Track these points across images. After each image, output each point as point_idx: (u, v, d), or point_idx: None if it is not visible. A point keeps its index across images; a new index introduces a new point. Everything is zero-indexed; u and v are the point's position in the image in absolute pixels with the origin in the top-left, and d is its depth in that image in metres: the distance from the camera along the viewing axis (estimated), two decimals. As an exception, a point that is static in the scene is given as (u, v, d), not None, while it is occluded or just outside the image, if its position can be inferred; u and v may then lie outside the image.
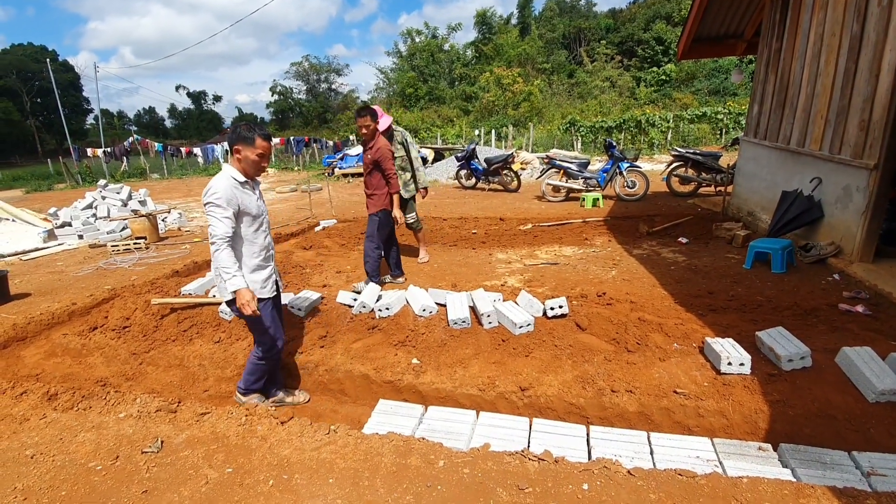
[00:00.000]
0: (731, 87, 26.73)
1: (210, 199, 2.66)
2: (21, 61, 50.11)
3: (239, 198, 2.73)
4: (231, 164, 2.81)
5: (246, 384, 3.09)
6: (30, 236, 7.80)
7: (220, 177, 2.74)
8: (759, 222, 6.00)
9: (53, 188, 18.82)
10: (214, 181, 2.71)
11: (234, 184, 2.74)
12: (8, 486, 2.14)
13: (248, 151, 2.74)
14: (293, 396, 3.29)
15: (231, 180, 2.74)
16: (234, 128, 2.82)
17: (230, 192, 2.69)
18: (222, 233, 2.65)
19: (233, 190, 2.71)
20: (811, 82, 5.17)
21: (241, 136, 2.74)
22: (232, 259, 2.68)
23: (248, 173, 2.81)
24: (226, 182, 2.71)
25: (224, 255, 2.65)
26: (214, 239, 2.65)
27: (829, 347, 2.89)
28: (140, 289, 4.68)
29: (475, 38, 38.65)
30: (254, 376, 3.07)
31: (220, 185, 2.68)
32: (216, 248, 2.66)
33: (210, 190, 2.68)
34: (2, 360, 3.75)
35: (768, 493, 1.88)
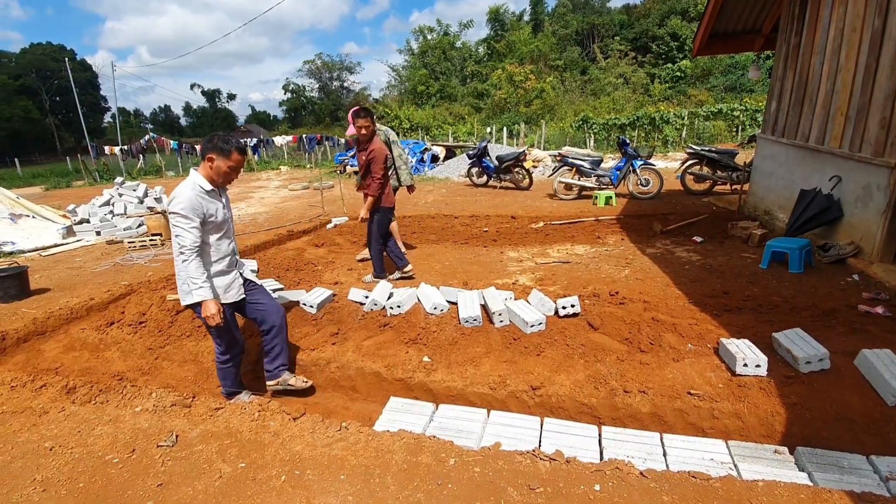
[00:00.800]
0: (748, 84, 26.26)
1: (174, 208, 2.65)
2: (40, 60, 51.10)
3: (204, 206, 2.74)
4: (200, 170, 2.80)
5: (225, 388, 3.14)
6: (49, 233, 7.96)
7: (185, 185, 2.73)
8: (776, 221, 5.90)
9: (72, 185, 19.17)
10: (179, 190, 2.71)
11: (200, 192, 2.75)
12: (28, 477, 2.19)
13: (221, 162, 2.75)
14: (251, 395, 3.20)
15: (197, 188, 2.74)
16: (210, 137, 2.81)
17: (195, 202, 2.69)
18: (190, 243, 2.68)
19: (198, 199, 2.71)
20: (831, 78, 5.06)
21: (218, 146, 2.74)
22: (201, 269, 2.73)
23: (215, 182, 2.81)
24: (190, 191, 2.70)
25: (193, 266, 2.69)
26: (182, 249, 2.68)
27: (847, 349, 2.83)
28: (156, 285, 4.75)
29: (487, 35, 38.54)
30: (228, 379, 3.11)
31: (184, 195, 2.67)
32: (184, 258, 2.69)
33: (174, 199, 2.68)
34: (22, 354, 3.84)
35: (784, 497, 1.85)
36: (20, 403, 2.86)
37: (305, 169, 19.93)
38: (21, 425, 2.63)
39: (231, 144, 2.76)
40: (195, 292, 2.72)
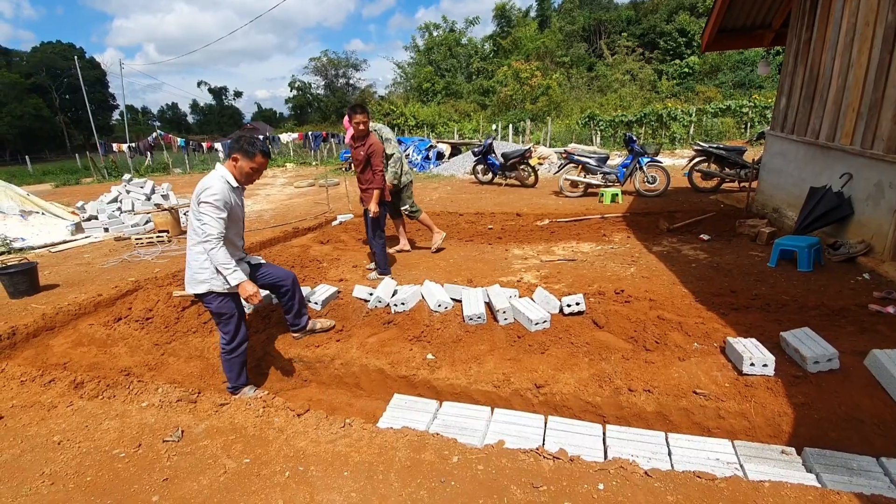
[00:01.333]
0: (757, 80, 25.95)
1: (208, 198, 2.74)
2: (50, 59, 51.54)
3: (232, 200, 2.86)
4: (227, 166, 2.90)
5: (232, 383, 3.13)
6: (59, 229, 8.04)
7: (216, 177, 2.82)
8: (784, 219, 5.84)
9: (81, 182, 19.34)
10: (211, 181, 2.79)
11: (229, 187, 2.84)
12: (37, 470, 2.22)
13: (244, 163, 2.86)
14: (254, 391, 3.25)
15: (226, 183, 2.83)
16: (238, 137, 2.92)
17: (226, 195, 2.80)
18: (217, 232, 2.76)
19: (228, 193, 2.82)
20: (842, 74, 4.98)
21: (244, 148, 2.84)
22: (228, 256, 2.82)
23: (239, 180, 2.92)
24: (222, 184, 2.81)
25: (221, 254, 2.78)
26: (209, 238, 2.75)
27: (857, 349, 2.80)
28: (162, 281, 4.78)
29: (493, 32, 38.33)
30: (233, 372, 3.11)
31: (218, 186, 2.77)
32: (212, 246, 2.76)
33: (208, 189, 2.76)
34: (31, 349, 3.88)
35: (791, 498, 1.83)
36: (29, 398, 2.90)
37: (311, 166, 19.97)
38: (30, 419, 2.66)
39: (256, 147, 2.86)
40: (231, 277, 2.82)
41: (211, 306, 2.96)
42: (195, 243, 2.85)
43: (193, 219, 2.85)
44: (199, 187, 2.80)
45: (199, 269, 2.87)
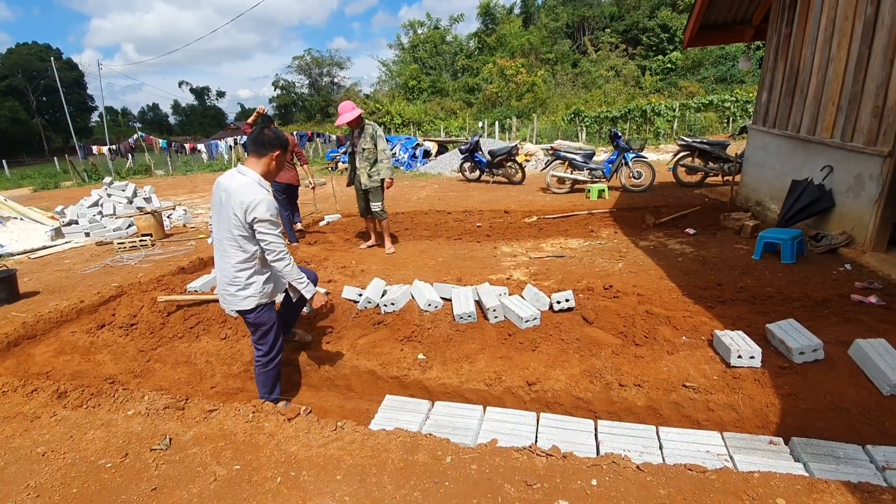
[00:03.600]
0: (739, 75, 26.31)
1: (266, 216, 2.53)
2: (26, 60, 50.31)
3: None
4: (256, 168, 2.63)
5: (265, 397, 2.93)
6: (38, 234, 7.85)
7: (256, 188, 2.55)
8: (768, 212, 5.93)
9: (60, 186, 18.93)
10: (256, 194, 2.52)
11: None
12: (21, 483, 2.16)
13: (283, 156, 2.69)
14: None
15: (267, 190, 2.62)
16: (274, 130, 2.65)
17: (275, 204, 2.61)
18: (283, 246, 2.63)
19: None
20: (822, 68, 5.07)
21: (282, 142, 2.64)
22: (299, 269, 2.75)
23: (270, 179, 2.71)
24: (265, 192, 2.58)
25: (295, 269, 2.70)
26: (282, 255, 2.62)
27: (841, 339, 2.85)
28: (146, 286, 4.69)
29: (478, 29, 38.29)
30: (267, 386, 2.95)
31: (268, 199, 2.54)
32: (287, 262, 2.65)
33: (261, 205, 2.51)
34: (13, 359, 3.78)
35: (780, 488, 1.85)
36: (11, 409, 2.82)
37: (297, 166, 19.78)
38: (13, 431, 2.59)
39: (282, 137, 2.67)
40: (306, 290, 2.75)
41: (251, 318, 2.80)
42: (238, 261, 2.64)
43: (230, 234, 2.59)
44: (241, 201, 2.50)
45: (245, 286, 2.70)
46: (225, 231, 2.62)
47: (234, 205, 2.52)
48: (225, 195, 2.58)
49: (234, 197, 2.52)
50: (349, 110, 5.21)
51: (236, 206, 2.52)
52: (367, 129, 5.34)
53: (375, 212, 5.68)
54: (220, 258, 2.72)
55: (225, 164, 21.53)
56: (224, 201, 2.59)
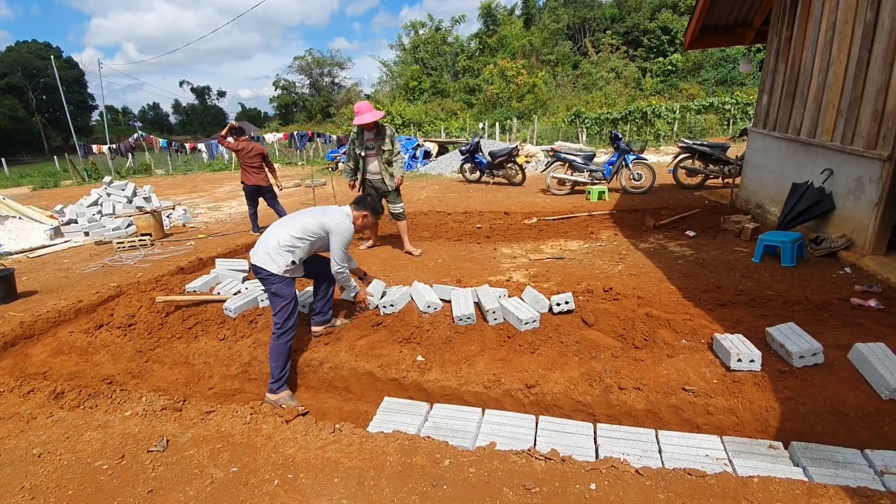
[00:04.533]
0: (739, 77, 26.34)
1: (348, 235, 3.32)
2: (26, 58, 50.28)
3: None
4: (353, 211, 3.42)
5: (276, 374, 3.12)
6: (37, 234, 7.84)
7: (347, 222, 3.33)
8: (768, 215, 5.92)
9: (60, 185, 18.90)
10: (346, 223, 3.31)
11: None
12: (16, 484, 2.15)
13: (371, 219, 3.48)
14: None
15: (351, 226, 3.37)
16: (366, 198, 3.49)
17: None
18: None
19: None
20: (823, 71, 5.07)
21: (376, 208, 3.49)
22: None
23: (357, 229, 3.46)
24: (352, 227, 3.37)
25: (348, 274, 3.49)
26: (343, 268, 3.37)
27: (841, 343, 2.84)
28: (145, 286, 4.68)
29: (479, 30, 38.30)
30: (279, 361, 3.13)
31: (351, 229, 3.34)
32: (345, 273, 3.43)
33: (344, 227, 3.29)
34: (9, 358, 3.77)
35: (779, 492, 1.85)
36: (7, 409, 2.82)
37: (297, 166, 19.79)
38: (8, 432, 2.58)
39: (380, 209, 3.52)
40: (353, 289, 3.63)
41: (273, 287, 3.17)
42: (294, 237, 3.20)
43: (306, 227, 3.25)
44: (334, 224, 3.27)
45: (285, 253, 3.19)
46: (308, 221, 3.28)
47: (327, 221, 3.28)
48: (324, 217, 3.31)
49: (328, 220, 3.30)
50: (370, 110, 5.05)
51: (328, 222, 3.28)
52: (386, 131, 5.22)
53: (398, 213, 5.54)
54: (281, 226, 3.29)
55: (225, 164, 21.52)
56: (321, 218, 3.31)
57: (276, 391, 3.09)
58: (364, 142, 5.23)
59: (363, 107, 5.09)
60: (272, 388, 3.12)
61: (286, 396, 3.09)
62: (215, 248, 6.35)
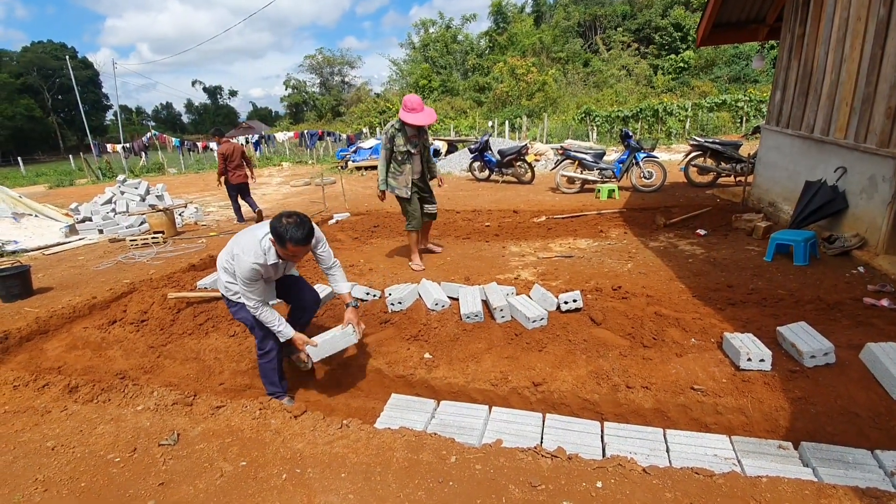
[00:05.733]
0: (752, 74, 25.99)
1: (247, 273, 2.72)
2: (42, 59, 51.13)
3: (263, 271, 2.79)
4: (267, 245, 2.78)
5: (267, 390, 3.12)
6: (52, 231, 7.98)
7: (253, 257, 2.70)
8: (780, 213, 5.85)
9: (75, 183, 19.21)
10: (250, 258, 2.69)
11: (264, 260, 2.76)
12: (30, 476, 2.19)
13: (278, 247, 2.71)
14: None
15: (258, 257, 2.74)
16: (279, 217, 2.66)
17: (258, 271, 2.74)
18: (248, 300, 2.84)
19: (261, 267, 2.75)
20: (836, 68, 4.99)
21: (276, 231, 2.62)
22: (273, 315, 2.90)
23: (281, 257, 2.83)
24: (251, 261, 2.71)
25: (263, 312, 2.86)
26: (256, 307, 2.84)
27: (853, 343, 2.80)
28: (157, 283, 4.75)
29: (489, 28, 38.23)
30: (266, 378, 3.10)
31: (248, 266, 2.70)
32: (263, 315, 2.87)
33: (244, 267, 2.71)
34: (25, 353, 3.85)
35: (788, 493, 1.83)
36: (22, 403, 2.87)
37: (307, 165, 19.91)
38: (23, 425, 2.64)
39: (286, 236, 2.60)
40: (283, 335, 2.95)
41: (231, 310, 3.01)
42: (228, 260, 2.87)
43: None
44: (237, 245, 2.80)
45: (223, 275, 2.95)
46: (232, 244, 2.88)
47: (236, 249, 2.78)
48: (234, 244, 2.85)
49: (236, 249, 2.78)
50: (423, 107, 4.52)
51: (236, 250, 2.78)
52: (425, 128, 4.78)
53: (434, 213, 5.18)
54: (227, 245, 2.96)
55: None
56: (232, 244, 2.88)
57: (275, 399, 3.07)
58: (409, 138, 4.64)
59: (416, 102, 4.47)
60: (268, 395, 3.11)
61: (286, 402, 3.09)
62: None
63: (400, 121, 4.55)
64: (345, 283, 3.12)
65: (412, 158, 4.72)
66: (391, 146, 4.65)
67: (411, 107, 4.46)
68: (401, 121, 4.53)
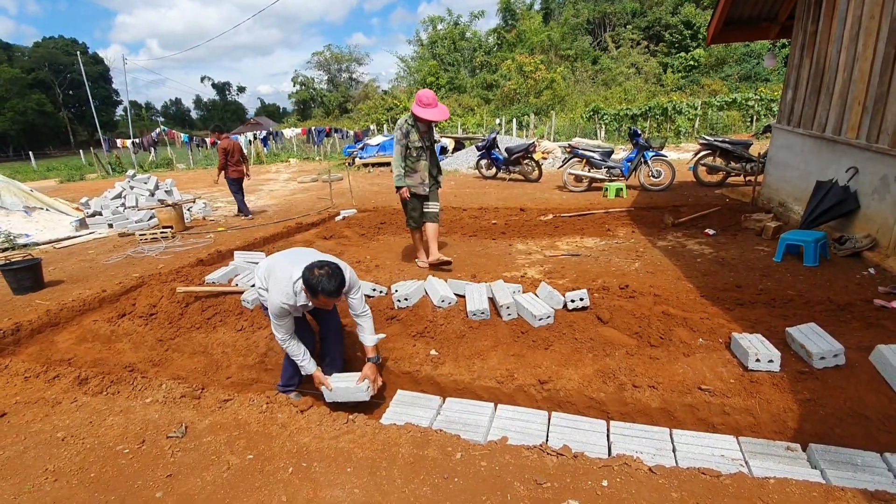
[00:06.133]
0: (763, 73, 25.72)
1: (275, 311, 2.81)
2: (52, 54, 51.62)
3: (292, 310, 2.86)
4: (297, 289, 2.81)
5: (282, 380, 3.23)
6: (63, 225, 8.07)
7: (283, 297, 2.75)
8: (790, 213, 5.79)
9: (85, 178, 19.40)
10: (281, 298, 2.77)
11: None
12: (40, 467, 2.22)
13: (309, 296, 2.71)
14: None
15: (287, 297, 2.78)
16: (311, 268, 2.63)
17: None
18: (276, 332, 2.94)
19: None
20: (848, 67, 4.92)
21: (308, 283, 2.61)
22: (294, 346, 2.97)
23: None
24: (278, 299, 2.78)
25: (290, 344, 2.96)
26: (282, 339, 2.94)
27: (863, 345, 2.77)
28: (166, 277, 4.78)
29: (497, 25, 38.09)
30: (285, 373, 3.21)
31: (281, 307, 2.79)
32: (288, 347, 2.97)
33: (274, 306, 2.79)
34: (35, 345, 3.90)
35: (796, 494, 1.82)
36: (33, 394, 2.91)
37: (314, 161, 19.96)
38: (34, 416, 2.67)
39: (318, 289, 2.58)
40: (306, 369, 3.03)
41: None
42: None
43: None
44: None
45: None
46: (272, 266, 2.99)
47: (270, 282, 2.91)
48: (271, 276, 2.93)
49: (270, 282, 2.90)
50: (437, 103, 4.42)
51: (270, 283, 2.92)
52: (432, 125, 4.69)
53: (437, 212, 4.86)
54: (273, 257, 3.12)
55: (244, 159, 21.79)
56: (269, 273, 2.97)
57: (282, 393, 3.14)
58: (422, 134, 4.54)
59: (431, 98, 4.39)
60: (278, 388, 3.20)
61: (292, 397, 3.13)
62: (234, 240, 6.45)
63: (413, 116, 4.45)
64: (370, 336, 3.04)
65: (426, 154, 4.62)
66: (406, 142, 4.52)
67: (427, 102, 4.36)
68: (414, 116, 4.44)
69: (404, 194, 4.64)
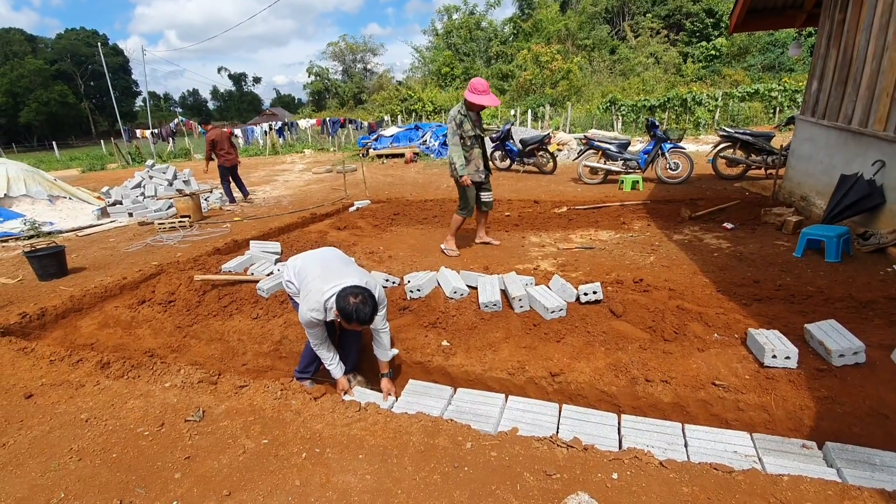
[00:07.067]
0: (788, 63, 25.01)
1: (305, 322, 2.86)
2: (74, 46, 52.50)
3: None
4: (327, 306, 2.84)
5: (300, 366, 3.29)
6: (85, 214, 8.26)
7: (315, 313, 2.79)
8: (812, 208, 5.66)
9: (106, 168, 19.77)
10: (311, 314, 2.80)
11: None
12: (65, 446, 2.30)
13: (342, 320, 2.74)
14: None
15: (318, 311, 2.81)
16: (345, 296, 2.67)
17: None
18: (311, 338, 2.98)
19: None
20: (877, 57, 4.76)
21: (343, 311, 2.64)
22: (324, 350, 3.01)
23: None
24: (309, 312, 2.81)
25: (321, 349, 3.00)
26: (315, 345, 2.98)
27: (885, 343, 2.71)
28: (184, 265, 4.88)
29: (513, 15, 37.60)
30: (303, 361, 3.28)
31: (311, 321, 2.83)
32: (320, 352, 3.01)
33: (304, 319, 2.84)
34: (60, 330, 4.01)
35: (810, 492, 1.79)
36: (58, 377, 3.00)
37: (329, 152, 20.05)
38: (59, 397, 2.76)
39: (353, 316, 2.64)
40: (333, 372, 3.06)
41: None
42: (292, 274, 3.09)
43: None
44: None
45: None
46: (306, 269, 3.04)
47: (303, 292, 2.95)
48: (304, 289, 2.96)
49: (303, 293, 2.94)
50: (489, 91, 4.51)
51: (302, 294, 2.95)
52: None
53: (492, 201, 5.13)
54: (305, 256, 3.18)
55: (260, 149, 22.01)
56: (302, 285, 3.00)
57: (297, 380, 3.21)
58: (474, 123, 4.69)
59: (484, 85, 4.51)
60: (295, 373, 3.27)
61: (306, 385, 3.18)
62: (250, 230, 6.54)
63: (465, 105, 4.59)
64: (386, 351, 3.06)
65: (478, 142, 4.76)
66: (461, 132, 4.64)
67: (482, 89, 4.48)
68: (466, 104, 4.59)
69: (466, 182, 4.74)
